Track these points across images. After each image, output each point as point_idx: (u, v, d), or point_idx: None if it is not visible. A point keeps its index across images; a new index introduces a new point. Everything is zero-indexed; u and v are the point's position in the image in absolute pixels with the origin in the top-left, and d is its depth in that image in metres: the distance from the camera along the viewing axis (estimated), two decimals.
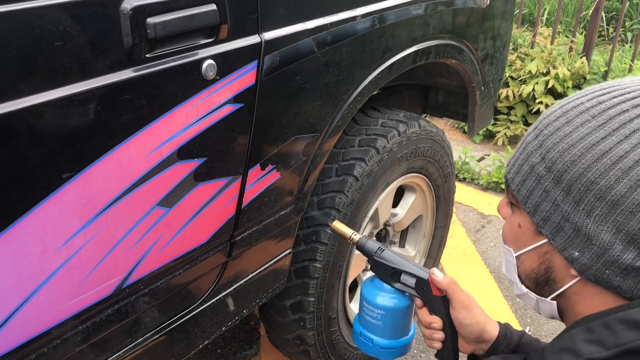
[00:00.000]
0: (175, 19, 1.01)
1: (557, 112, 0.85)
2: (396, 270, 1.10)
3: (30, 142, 0.89)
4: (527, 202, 0.86)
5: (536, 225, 0.85)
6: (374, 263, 1.13)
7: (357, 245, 1.16)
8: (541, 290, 0.90)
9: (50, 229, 0.94)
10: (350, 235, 1.18)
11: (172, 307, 1.29)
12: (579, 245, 0.80)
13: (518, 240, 0.90)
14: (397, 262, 1.10)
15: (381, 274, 1.12)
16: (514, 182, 0.88)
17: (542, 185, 0.83)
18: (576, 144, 0.80)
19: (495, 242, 2.91)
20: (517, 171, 0.88)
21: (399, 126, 1.78)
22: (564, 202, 0.81)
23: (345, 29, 1.39)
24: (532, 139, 0.87)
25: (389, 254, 1.12)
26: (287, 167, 1.41)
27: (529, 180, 0.85)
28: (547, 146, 0.83)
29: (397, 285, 1.11)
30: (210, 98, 1.12)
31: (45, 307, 0.99)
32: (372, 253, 1.13)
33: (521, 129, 3.77)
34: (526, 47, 3.91)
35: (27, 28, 0.84)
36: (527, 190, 0.86)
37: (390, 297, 1.11)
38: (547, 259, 0.86)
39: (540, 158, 0.84)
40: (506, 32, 2.21)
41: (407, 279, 1.10)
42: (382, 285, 1.12)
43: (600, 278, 0.80)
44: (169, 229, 1.15)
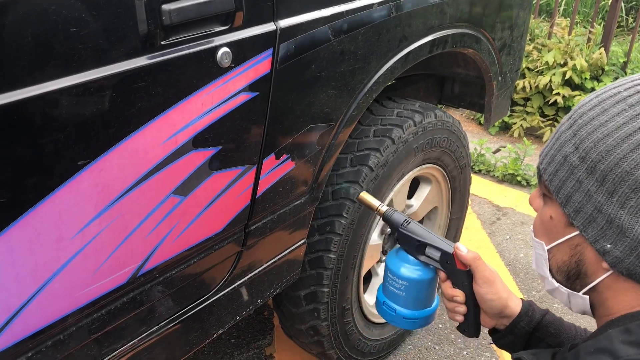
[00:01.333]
0: (191, 6, 1.00)
1: (592, 101, 0.83)
2: (421, 243, 1.11)
3: (45, 130, 0.88)
4: (559, 193, 0.84)
5: (568, 217, 0.84)
6: (400, 235, 1.13)
7: (384, 216, 1.17)
8: (572, 285, 0.88)
9: (66, 217, 0.94)
10: (377, 206, 1.19)
11: (187, 296, 1.29)
12: (612, 237, 0.79)
13: (549, 232, 0.89)
14: (423, 234, 1.11)
15: (406, 246, 1.13)
16: (547, 172, 0.87)
17: (575, 176, 0.81)
18: (611, 134, 0.78)
19: (511, 235, 2.89)
20: (550, 161, 0.86)
21: (415, 116, 1.77)
22: (597, 193, 0.79)
23: (362, 17, 1.37)
24: (565, 129, 0.85)
25: (415, 227, 1.12)
26: (302, 156, 1.40)
27: (562, 170, 0.83)
28: (582, 135, 0.81)
29: (422, 257, 1.11)
30: (226, 86, 1.11)
31: (61, 295, 0.99)
32: (399, 225, 1.14)
33: (537, 120, 3.73)
34: (543, 38, 3.86)
35: (42, 14, 0.84)
36: (559, 181, 0.84)
37: (414, 268, 1.12)
38: (579, 252, 0.85)
39: (574, 147, 0.82)
40: (524, 22, 2.17)
41: (432, 252, 1.10)
42: (407, 257, 1.13)
43: (633, 272, 0.79)
44: (184, 218, 1.15)
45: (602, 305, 0.86)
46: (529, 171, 3.38)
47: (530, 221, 2.99)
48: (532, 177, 3.33)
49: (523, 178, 3.33)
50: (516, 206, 3.13)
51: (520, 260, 2.72)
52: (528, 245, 2.82)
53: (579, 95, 3.57)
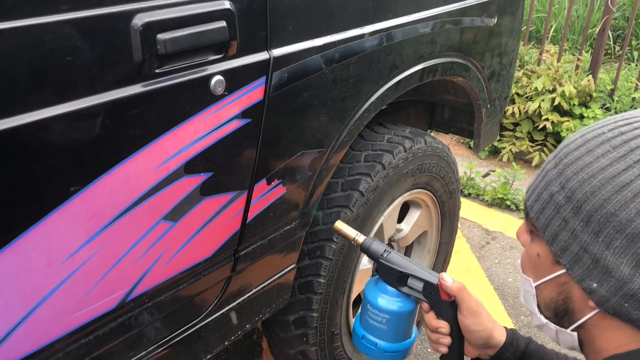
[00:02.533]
0: (186, 35, 1.01)
1: (577, 141, 0.84)
2: (403, 274, 1.08)
3: (39, 155, 0.89)
4: (545, 231, 0.85)
5: (554, 255, 0.84)
6: (380, 266, 1.10)
7: (362, 247, 1.13)
8: (560, 321, 0.89)
9: (56, 242, 0.95)
10: (354, 236, 1.14)
11: (176, 321, 1.28)
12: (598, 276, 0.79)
13: (537, 269, 0.89)
14: (404, 265, 1.08)
15: (387, 277, 1.09)
16: (533, 209, 0.87)
17: (561, 215, 0.82)
18: (596, 175, 0.79)
19: (500, 259, 2.90)
20: (536, 199, 0.87)
21: (405, 142, 1.79)
22: (583, 233, 0.80)
23: (353, 47, 1.40)
24: (551, 167, 0.86)
25: (395, 257, 1.09)
26: (293, 181, 1.41)
27: (548, 208, 0.84)
28: (567, 175, 0.82)
29: (404, 289, 1.08)
30: (219, 113, 1.12)
31: (48, 320, 0.99)
32: (378, 256, 1.10)
33: (527, 145, 3.77)
34: (532, 64, 3.92)
35: (38, 42, 0.85)
36: (545, 219, 0.85)
37: (395, 300, 1.09)
38: (566, 290, 0.85)
39: (560, 187, 0.83)
40: (513, 50, 2.21)
41: (415, 283, 1.07)
42: (387, 288, 1.09)
43: (619, 311, 0.79)
44: (174, 243, 1.15)
45: (590, 343, 0.86)
46: (518, 195, 3.40)
47: (520, 246, 3.01)
48: (521, 201, 3.35)
49: (512, 202, 3.35)
50: (505, 230, 3.15)
51: (509, 284, 2.73)
52: (517, 269, 2.83)
53: (568, 121, 3.62)
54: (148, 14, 0.97)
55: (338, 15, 1.34)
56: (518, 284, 2.73)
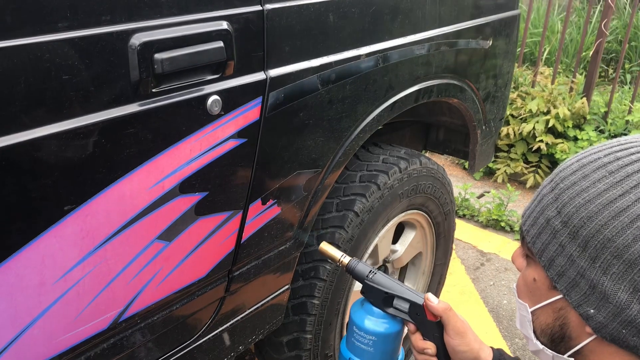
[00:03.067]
0: (183, 55, 1.02)
1: (573, 166, 0.84)
2: (389, 295, 1.07)
3: (34, 174, 0.89)
4: (542, 256, 0.84)
5: (551, 280, 0.84)
6: (366, 287, 1.10)
7: (347, 268, 1.13)
8: (557, 347, 0.88)
9: (49, 262, 0.94)
10: (339, 258, 1.15)
11: (168, 342, 1.27)
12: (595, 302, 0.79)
13: (533, 294, 0.89)
14: (390, 286, 1.08)
15: (373, 298, 1.09)
16: (529, 234, 0.87)
17: (558, 240, 0.82)
18: (593, 200, 0.78)
19: (495, 281, 2.90)
20: (533, 223, 0.87)
21: (400, 163, 1.79)
22: (579, 258, 0.79)
23: (350, 67, 1.40)
24: (548, 192, 0.86)
25: (381, 278, 1.09)
26: (288, 201, 1.41)
27: (545, 233, 0.84)
28: (564, 200, 0.82)
29: (390, 310, 1.08)
30: (215, 133, 1.13)
31: (40, 341, 0.98)
32: (364, 277, 1.10)
33: (521, 167, 3.78)
34: (527, 86, 3.95)
35: (36, 61, 0.85)
36: (542, 244, 0.84)
37: (382, 322, 1.08)
38: (562, 315, 0.85)
39: (556, 212, 0.82)
40: (508, 72, 2.23)
41: (400, 304, 1.07)
42: (372, 310, 1.09)
43: (616, 337, 0.78)
44: (168, 263, 1.15)
45: None
46: (513, 217, 3.41)
47: (514, 267, 3.00)
48: (516, 222, 3.36)
49: (507, 224, 3.36)
50: (500, 252, 3.15)
51: (503, 306, 2.72)
52: (511, 291, 2.82)
53: (562, 143, 3.64)
54: (146, 33, 0.97)
55: (334, 36, 1.35)
56: (513, 306, 2.72)
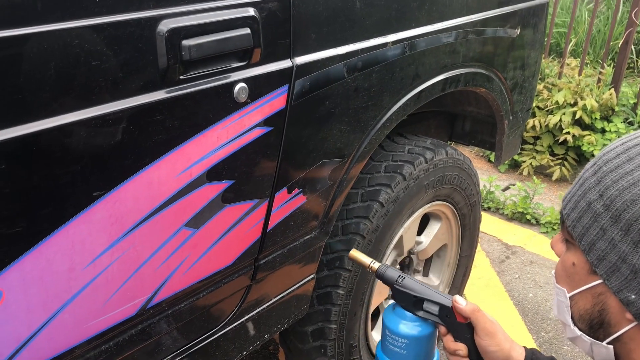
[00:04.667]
0: (210, 42, 1.02)
1: (618, 149, 0.82)
2: (418, 299, 1.09)
3: (63, 160, 0.89)
4: (582, 240, 0.83)
5: (591, 265, 0.82)
6: (395, 291, 1.11)
7: (377, 273, 1.15)
8: (595, 334, 0.86)
9: (79, 247, 0.95)
10: (369, 263, 1.17)
11: (195, 330, 1.28)
12: (636, 288, 0.77)
13: (572, 279, 0.87)
14: (419, 290, 1.09)
15: (403, 302, 1.11)
16: (570, 218, 0.86)
17: (599, 224, 0.80)
18: (637, 183, 0.77)
19: (520, 274, 2.86)
20: (573, 207, 0.85)
21: (426, 153, 1.77)
22: (621, 242, 0.78)
23: (376, 55, 1.39)
24: (590, 175, 0.84)
25: (410, 282, 1.11)
26: (314, 191, 1.40)
27: (585, 217, 0.83)
28: (606, 183, 0.80)
29: (420, 313, 1.10)
30: (241, 121, 1.12)
31: (70, 326, 0.99)
32: (393, 281, 1.12)
33: (547, 159, 3.73)
34: (553, 78, 3.89)
35: (65, 47, 0.86)
36: (582, 228, 0.83)
37: (413, 325, 1.10)
38: (602, 301, 0.83)
39: (599, 195, 0.81)
40: (535, 62, 2.19)
41: (430, 307, 1.09)
42: (404, 314, 1.11)
43: None
44: (195, 250, 1.15)
45: (626, 357, 0.84)
46: (539, 210, 3.36)
47: (540, 260, 2.96)
48: (542, 215, 3.31)
49: (532, 217, 3.31)
50: (525, 245, 3.11)
51: (529, 300, 2.68)
52: (537, 285, 2.79)
53: (589, 135, 3.58)
54: (173, 20, 0.97)
55: (361, 23, 1.33)
56: (539, 299, 2.68)
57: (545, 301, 2.67)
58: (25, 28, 0.81)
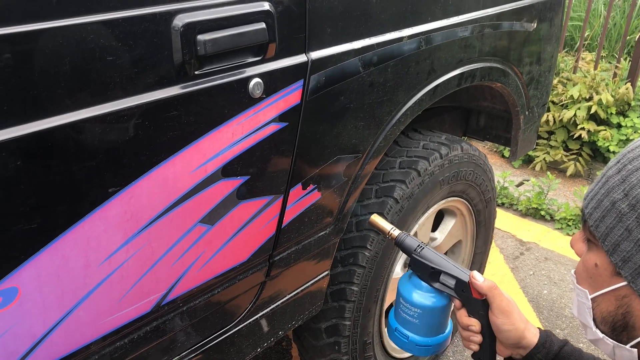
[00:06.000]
0: (225, 37, 1.00)
1: None
2: (435, 270, 1.08)
3: (78, 156, 0.89)
4: (605, 240, 0.81)
5: (615, 266, 0.80)
6: (413, 261, 1.10)
7: (396, 241, 1.14)
8: (619, 337, 0.85)
9: (95, 244, 0.94)
10: (389, 230, 1.16)
11: (209, 326, 1.27)
12: None
13: (594, 280, 0.85)
14: (437, 261, 1.08)
15: (420, 272, 1.10)
16: (592, 217, 0.84)
17: (624, 224, 0.78)
18: None
19: (534, 271, 2.83)
20: (596, 206, 0.83)
21: (441, 149, 1.75)
22: None
23: (392, 50, 1.37)
24: (614, 173, 0.82)
25: (428, 253, 1.09)
26: (328, 187, 1.39)
27: (609, 217, 0.80)
28: (632, 182, 0.78)
29: (436, 284, 1.08)
30: (256, 116, 1.11)
31: (85, 322, 0.98)
32: (412, 250, 1.11)
33: (561, 154, 3.68)
34: (568, 72, 3.84)
35: (80, 42, 0.85)
36: (606, 228, 0.81)
37: (428, 295, 1.09)
38: (626, 303, 0.81)
39: (623, 194, 0.79)
40: (551, 56, 2.16)
41: (447, 280, 1.07)
42: (420, 283, 1.10)
43: None
44: (210, 247, 1.14)
45: None
46: (553, 205, 3.33)
47: (555, 257, 2.94)
48: (556, 211, 3.28)
49: (547, 212, 3.28)
50: (540, 241, 3.08)
51: (544, 297, 2.66)
52: (552, 281, 2.76)
53: (604, 131, 3.53)
54: (189, 14, 0.96)
55: (377, 17, 1.32)
56: (553, 296, 2.66)
57: (560, 298, 2.65)
58: (40, 23, 0.80)
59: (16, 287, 0.86)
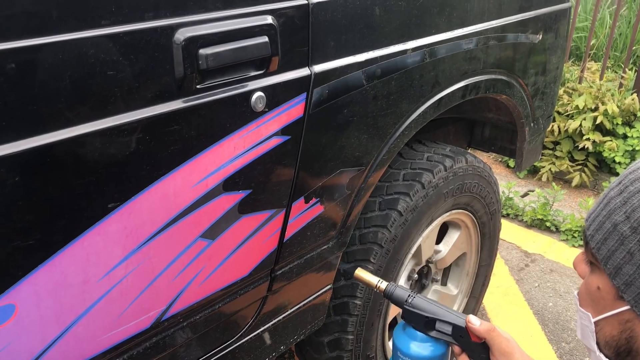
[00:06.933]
0: (227, 51, 1.00)
1: None
2: (430, 319, 1.04)
3: (78, 171, 0.88)
4: (607, 263, 0.79)
5: (617, 289, 0.79)
6: (405, 312, 1.06)
7: (385, 294, 1.10)
8: None
9: (93, 259, 0.93)
10: (375, 283, 1.12)
11: (210, 342, 1.26)
12: None
13: (597, 303, 0.84)
14: (431, 309, 1.04)
15: (414, 323, 1.06)
16: (594, 239, 0.82)
17: (626, 247, 0.76)
18: None
19: (540, 283, 2.81)
20: (598, 228, 0.81)
21: (445, 161, 1.74)
22: None
23: (395, 63, 1.36)
24: (615, 194, 0.80)
25: (420, 302, 1.05)
26: (331, 200, 1.38)
27: (611, 239, 0.79)
28: (634, 204, 0.76)
29: (432, 333, 1.04)
30: (258, 130, 1.10)
31: (83, 339, 0.97)
32: (402, 302, 1.06)
33: (567, 165, 3.66)
34: (574, 82, 3.82)
35: (81, 57, 0.84)
36: (608, 250, 0.79)
37: (425, 345, 1.05)
38: (629, 328, 0.79)
39: (625, 217, 0.77)
40: (557, 67, 2.15)
41: (443, 327, 1.04)
42: (415, 334, 1.06)
43: None
44: (211, 262, 1.13)
45: None
46: (559, 217, 3.30)
47: (560, 269, 2.91)
48: (562, 223, 3.25)
49: (552, 224, 3.25)
50: (545, 252, 3.05)
51: (549, 309, 2.63)
52: (557, 294, 2.73)
53: (610, 141, 3.51)
54: (190, 28, 0.95)
55: (380, 30, 1.31)
56: (559, 309, 2.63)
57: (565, 310, 2.62)
58: (40, 38, 0.80)
59: (13, 304, 0.85)
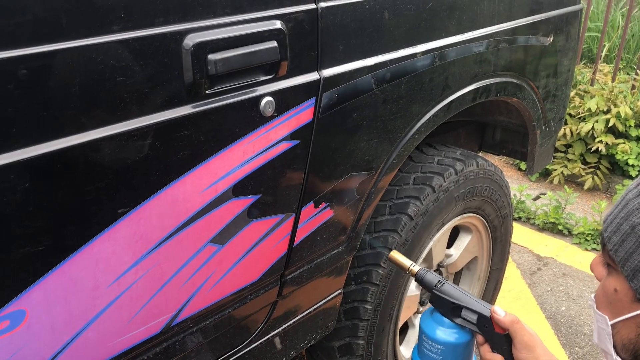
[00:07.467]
0: (237, 56, 1.00)
1: None
2: (457, 306, 1.06)
3: (88, 177, 0.88)
4: (625, 265, 0.79)
5: (635, 292, 0.78)
6: (434, 297, 1.09)
7: (416, 277, 1.13)
8: None
9: (103, 265, 0.93)
10: (408, 266, 1.15)
11: (220, 347, 1.26)
12: None
13: (614, 306, 0.83)
14: (458, 296, 1.07)
15: (441, 308, 1.09)
16: (611, 241, 0.81)
17: None
18: None
19: (552, 286, 2.78)
20: (615, 230, 0.81)
21: (456, 164, 1.73)
22: None
23: (405, 66, 1.36)
24: (634, 196, 0.80)
25: (449, 288, 1.08)
26: (341, 204, 1.37)
27: (629, 241, 0.78)
28: None
29: (458, 320, 1.07)
30: (268, 135, 1.10)
31: (93, 344, 0.97)
32: (432, 286, 1.10)
33: (579, 168, 3.63)
34: (585, 84, 3.79)
35: (90, 63, 0.84)
36: (625, 252, 0.78)
37: (450, 332, 1.07)
38: None
39: None
40: (568, 70, 2.13)
41: (469, 315, 1.06)
42: (442, 320, 1.08)
43: None
44: (221, 267, 1.13)
45: None
46: (571, 220, 3.27)
47: (573, 272, 2.88)
48: (574, 226, 3.22)
49: (564, 227, 3.22)
50: (557, 256, 3.03)
51: (562, 313, 2.61)
52: (570, 297, 2.71)
53: (623, 144, 3.48)
54: (199, 34, 0.95)
55: (390, 34, 1.30)
56: (572, 313, 2.60)
57: (578, 315, 2.60)
58: (50, 45, 0.80)
59: (24, 309, 0.85)
